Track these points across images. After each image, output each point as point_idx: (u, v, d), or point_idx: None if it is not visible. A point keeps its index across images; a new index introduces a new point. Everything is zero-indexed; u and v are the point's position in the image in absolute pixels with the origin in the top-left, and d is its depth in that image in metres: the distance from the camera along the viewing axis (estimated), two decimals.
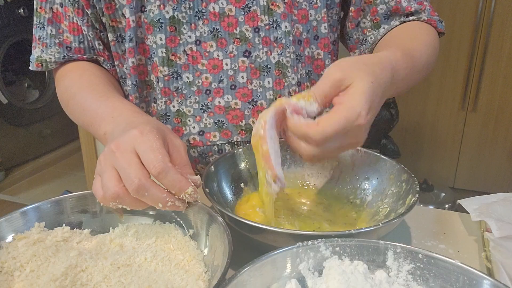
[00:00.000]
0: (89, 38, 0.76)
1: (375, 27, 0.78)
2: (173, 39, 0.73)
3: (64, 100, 0.77)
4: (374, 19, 0.78)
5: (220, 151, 0.78)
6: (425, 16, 0.76)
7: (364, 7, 0.78)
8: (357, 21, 0.79)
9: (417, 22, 0.76)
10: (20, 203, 2.55)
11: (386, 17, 0.77)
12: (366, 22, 0.79)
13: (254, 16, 0.73)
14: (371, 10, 0.77)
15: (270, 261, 0.45)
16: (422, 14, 0.77)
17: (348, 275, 0.45)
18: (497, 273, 0.52)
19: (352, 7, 0.78)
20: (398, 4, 0.76)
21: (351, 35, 0.81)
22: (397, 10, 0.76)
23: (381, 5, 0.76)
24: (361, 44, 0.81)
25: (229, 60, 0.74)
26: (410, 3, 0.76)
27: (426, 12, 0.77)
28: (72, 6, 0.73)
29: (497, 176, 2.38)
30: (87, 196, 0.60)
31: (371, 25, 0.78)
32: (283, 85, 0.76)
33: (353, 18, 0.79)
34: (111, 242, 0.57)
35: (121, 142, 0.52)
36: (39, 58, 0.76)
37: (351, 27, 0.80)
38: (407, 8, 0.76)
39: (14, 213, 0.57)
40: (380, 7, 0.77)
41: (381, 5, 0.76)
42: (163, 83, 0.75)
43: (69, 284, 0.49)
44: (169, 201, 0.50)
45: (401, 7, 0.76)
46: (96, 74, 0.76)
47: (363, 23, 0.79)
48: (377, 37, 0.78)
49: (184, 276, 0.50)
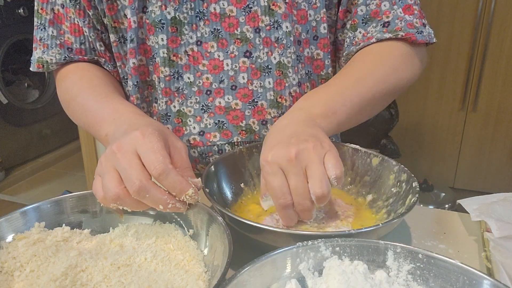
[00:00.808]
0: (90, 39, 0.76)
1: (351, 29, 0.76)
2: (174, 39, 0.73)
3: (65, 101, 0.77)
4: (352, 21, 0.75)
5: (220, 151, 0.78)
6: (402, 31, 0.71)
7: (350, 8, 0.76)
8: (343, 22, 0.77)
9: (390, 43, 0.72)
10: (20, 203, 2.55)
11: (364, 21, 0.74)
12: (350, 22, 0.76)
13: (255, 17, 0.73)
14: (354, 10, 0.75)
15: (270, 261, 0.45)
16: (399, 25, 0.71)
17: (348, 275, 0.45)
18: (497, 273, 0.52)
19: (340, 7, 0.76)
20: (378, 8, 0.73)
21: (337, 35, 0.80)
22: (376, 14, 0.73)
23: (361, 6, 0.74)
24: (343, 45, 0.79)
25: (230, 60, 0.74)
26: (392, 8, 0.72)
27: (403, 23, 0.71)
28: (74, 7, 0.73)
29: (497, 176, 2.38)
30: (87, 196, 0.60)
31: (350, 27, 0.76)
32: (284, 86, 0.76)
33: (340, 19, 0.77)
34: (111, 242, 0.57)
35: (123, 144, 0.52)
36: (40, 59, 0.76)
37: (338, 27, 0.79)
38: (385, 13, 0.72)
39: (14, 213, 0.57)
40: (360, 9, 0.74)
41: (361, 6, 0.74)
42: (164, 83, 0.75)
43: (69, 284, 0.49)
44: (169, 202, 0.50)
45: (380, 11, 0.73)
46: (97, 75, 0.76)
47: (349, 24, 0.77)
48: (351, 41, 0.75)
49: (184, 276, 0.50)
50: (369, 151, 0.69)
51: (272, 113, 0.77)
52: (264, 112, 0.76)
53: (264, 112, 0.76)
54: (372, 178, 0.68)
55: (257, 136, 0.78)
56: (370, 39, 0.72)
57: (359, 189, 0.69)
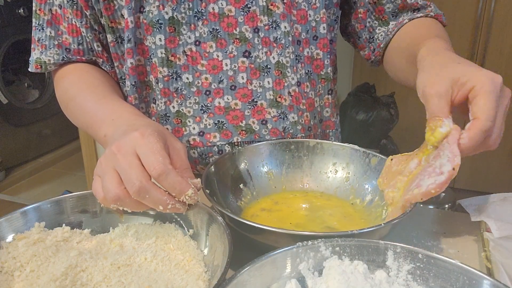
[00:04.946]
0: (88, 40, 0.76)
1: (383, 24, 0.80)
2: (172, 39, 0.73)
3: (63, 102, 0.77)
4: (382, 18, 0.80)
5: (220, 151, 0.78)
6: (432, 12, 0.79)
7: (369, 8, 0.80)
8: (365, 21, 0.81)
9: (425, 18, 0.78)
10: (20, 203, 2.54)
11: (394, 14, 0.80)
12: (372, 21, 0.81)
13: (254, 17, 0.73)
14: (377, 9, 0.80)
15: (270, 261, 0.45)
16: (429, 9, 0.79)
17: (348, 275, 0.45)
18: (497, 273, 0.52)
19: (361, 9, 0.80)
20: (404, 2, 0.78)
21: (361, 35, 0.83)
22: (404, 7, 0.79)
23: (388, 4, 0.79)
24: (369, 42, 0.83)
25: (229, 60, 0.74)
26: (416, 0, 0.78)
27: (432, 6, 0.79)
28: (71, 8, 0.73)
29: (497, 176, 2.38)
30: (87, 196, 0.60)
31: (379, 23, 0.80)
32: (283, 85, 0.76)
33: (363, 19, 0.81)
34: (111, 242, 0.57)
35: (122, 144, 0.52)
36: (38, 60, 0.76)
37: (360, 28, 0.82)
38: (414, 4, 0.78)
39: (14, 213, 0.57)
40: (387, 6, 0.79)
41: (388, 4, 0.79)
42: (162, 84, 0.75)
43: (69, 284, 0.49)
44: (169, 203, 0.50)
45: (407, 4, 0.78)
46: (95, 75, 0.76)
47: (369, 23, 0.81)
48: (387, 33, 0.79)
49: (184, 276, 0.50)
50: (369, 151, 0.69)
51: (272, 112, 0.77)
52: (264, 112, 0.77)
53: (264, 112, 0.77)
54: (372, 178, 0.68)
55: (257, 136, 0.78)
56: (403, 21, 0.78)
57: (358, 189, 0.69)
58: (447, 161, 0.50)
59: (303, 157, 0.73)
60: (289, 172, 0.73)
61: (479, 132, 0.49)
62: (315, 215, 0.65)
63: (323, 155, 0.73)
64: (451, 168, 0.49)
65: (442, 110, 0.52)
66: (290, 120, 0.78)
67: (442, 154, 0.51)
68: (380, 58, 0.83)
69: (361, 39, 0.84)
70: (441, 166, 0.50)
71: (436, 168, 0.50)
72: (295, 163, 0.73)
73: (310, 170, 0.73)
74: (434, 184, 0.49)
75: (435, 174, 0.50)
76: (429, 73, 0.55)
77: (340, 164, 0.71)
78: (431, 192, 0.49)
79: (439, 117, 0.52)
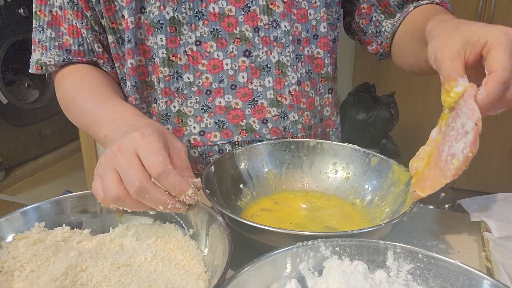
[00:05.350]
0: (89, 41, 0.76)
1: (390, 17, 0.80)
2: (173, 39, 0.73)
3: (64, 103, 0.77)
4: (388, 11, 0.79)
5: (220, 151, 0.78)
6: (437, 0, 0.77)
7: (374, 3, 0.79)
8: (370, 16, 0.80)
9: (431, 4, 0.77)
10: (20, 203, 2.54)
11: (399, 6, 0.79)
12: (377, 15, 0.80)
13: (254, 16, 0.73)
14: (382, 3, 0.79)
15: (270, 261, 0.45)
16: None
17: (348, 275, 0.45)
18: (497, 273, 0.52)
19: (364, 5, 0.80)
20: None
21: (366, 30, 0.82)
22: None
23: None
24: (377, 36, 0.82)
25: (229, 60, 0.74)
26: None
27: None
28: (72, 9, 0.73)
29: (497, 176, 2.38)
30: (87, 196, 0.60)
31: (386, 16, 0.80)
32: (284, 84, 0.76)
33: (367, 14, 0.80)
34: (111, 242, 0.57)
35: (123, 144, 0.52)
36: (39, 61, 0.76)
37: (365, 23, 0.82)
38: None
39: (14, 213, 0.57)
40: (392, 0, 0.78)
41: None
42: (163, 84, 0.75)
43: (69, 284, 0.49)
44: (169, 203, 0.50)
45: None
46: (96, 76, 0.76)
47: (374, 17, 0.81)
48: (393, 23, 0.79)
49: (184, 276, 0.50)
50: (368, 151, 0.69)
51: (272, 111, 0.77)
52: (264, 111, 0.77)
53: (264, 111, 0.77)
54: (372, 178, 0.68)
55: (257, 135, 0.78)
56: (408, 9, 0.76)
57: (358, 189, 0.69)
58: (467, 119, 0.47)
59: (303, 157, 0.73)
60: (289, 172, 0.73)
61: (497, 84, 0.46)
62: (315, 215, 0.65)
63: (323, 155, 0.73)
64: (473, 124, 0.46)
65: (456, 70, 0.49)
66: (291, 119, 0.78)
67: (461, 113, 0.48)
68: (388, 51, 0.82)
69: (367, 34, 0.83)
70: (463, 126, 0.47)
71: (459, 129, 0.48)
72: (295, 163, 0.73)
73: (310, 170, 0.73)
74: (467, 147, 0.47)
75: (461, 136, 0.47)
76: (439, 38, 0.54)
77: (340, 164, 0.71)
78: (469, 156, 0.47)
79: (454, 77, 0.49)
